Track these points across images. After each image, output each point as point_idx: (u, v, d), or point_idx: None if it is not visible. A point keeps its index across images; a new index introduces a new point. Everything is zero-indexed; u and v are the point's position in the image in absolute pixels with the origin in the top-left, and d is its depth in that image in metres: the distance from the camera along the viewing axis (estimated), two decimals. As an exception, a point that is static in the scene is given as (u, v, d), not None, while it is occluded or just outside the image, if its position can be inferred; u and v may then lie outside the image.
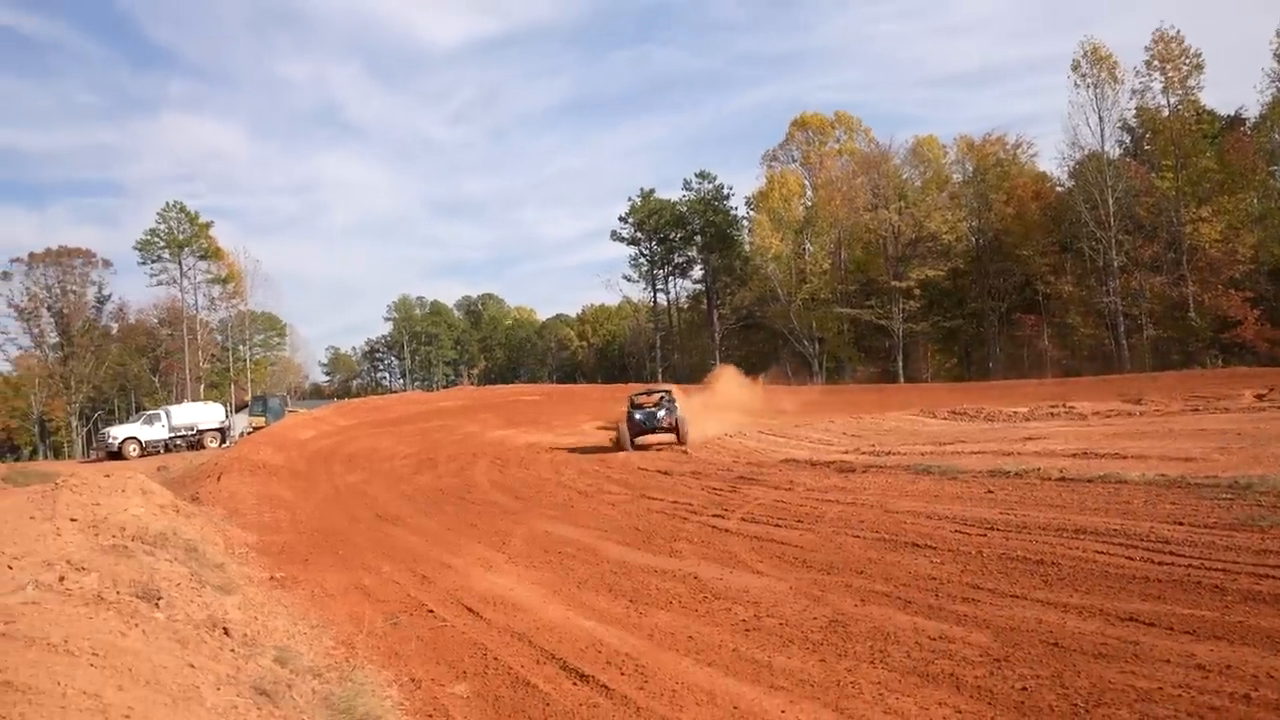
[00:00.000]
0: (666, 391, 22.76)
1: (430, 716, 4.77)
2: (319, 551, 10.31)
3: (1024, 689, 4.40)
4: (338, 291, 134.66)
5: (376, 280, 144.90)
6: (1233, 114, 46.55)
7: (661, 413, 20.91)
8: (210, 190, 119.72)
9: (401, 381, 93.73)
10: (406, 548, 10.28)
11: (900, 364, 52.43)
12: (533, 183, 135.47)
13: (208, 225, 64.41)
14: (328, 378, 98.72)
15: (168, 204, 63.95)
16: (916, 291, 51.65)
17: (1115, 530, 7.50)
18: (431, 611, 7.09)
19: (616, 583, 7.60)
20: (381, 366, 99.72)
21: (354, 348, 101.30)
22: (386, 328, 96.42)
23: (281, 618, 6.57)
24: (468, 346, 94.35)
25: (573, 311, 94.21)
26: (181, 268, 63.47)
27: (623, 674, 5.22)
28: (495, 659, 5.72)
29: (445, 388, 77.49)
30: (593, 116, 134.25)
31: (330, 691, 4.65)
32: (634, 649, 5.66)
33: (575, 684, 5.15)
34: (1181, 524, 7.48)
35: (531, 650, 5.84)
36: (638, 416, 20.91)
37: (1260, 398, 22.29)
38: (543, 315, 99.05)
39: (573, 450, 21.63)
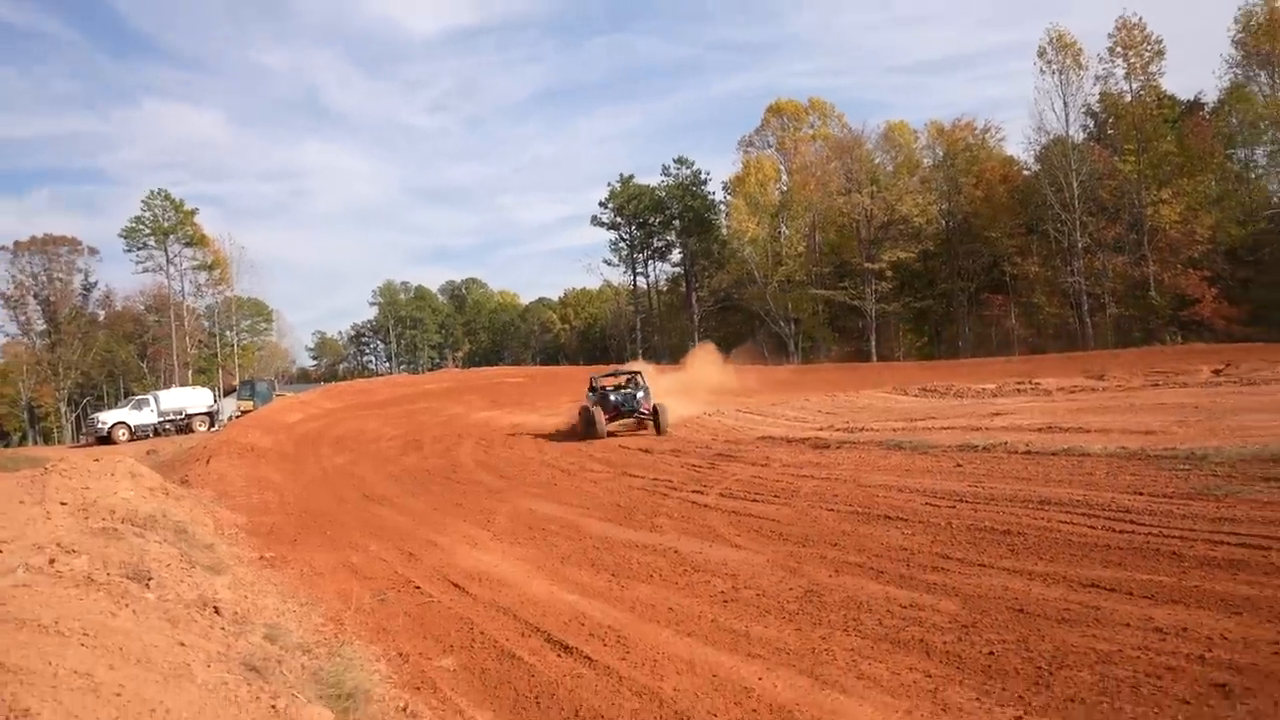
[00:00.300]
0: (636, 373, 20.84)
1: (418, 689, 4.77)
2: (307, 531, 10.26)
3: (991, 653, 4.47)
4: (323, 277, 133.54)
5: (362, 266, 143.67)
6: (1192, 99, 46.88)
7: (640, 394, 19.15)
8: (193, 177, 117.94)
9: (387, 365, 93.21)
10: (393, 527, 10.25)
11: (873, 343, 52.71)
12: (513, 169, 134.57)
13: (193, 212, 63.55)
14: (314, 362, 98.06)
15: (152, 191, 62.99)
16: (888, 273, 51.86)
17: (1078, 501, 7.60)
18: (418, 588, 7.08)
19: (599, 557, 7.62)
20: (367, 350, 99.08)
21: (340, 332, 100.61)
22: (372, 312, 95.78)
23: (271, 596, 6.54)
24: (452, 330, 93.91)
25: (555, 295, 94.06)
26: (168, 254, 62.58)
27: (605, 645, 5.25)
28: (481, 633, 5.73)
29: (430, 371, 77.12)
30: (571, 104, 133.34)
31: (319, 667, 4.63)
32: (616, 621, 5.68)
33: (559, 656, 5.17)
34: (1141, 494, 7.60)
35: (517, 624, 5.85)
36: (614, 399, 18.95)
37: (1217, 373, 22.65)
38: (525, 299, 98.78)
39: (556, 430, 21.63)
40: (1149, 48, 44.87)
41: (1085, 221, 44.51)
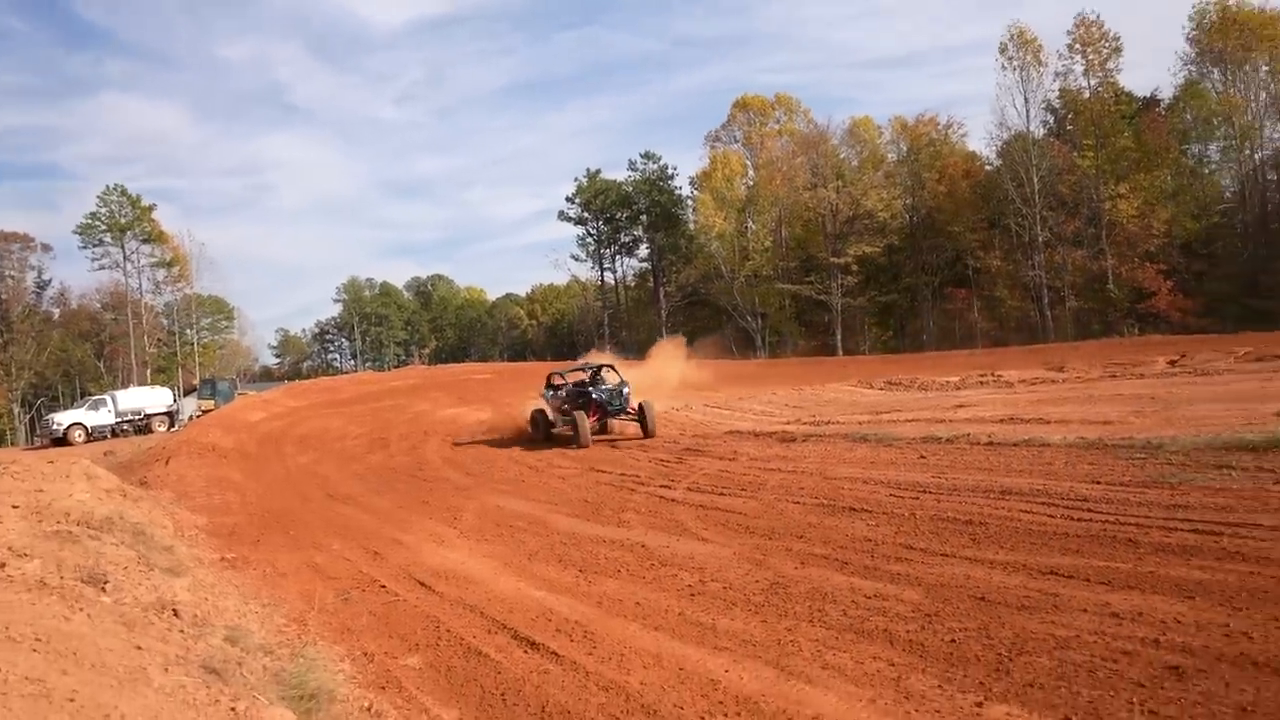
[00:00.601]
0: (606, 366, 18.23)
1: (383, 688, 4.73)
2: (270, 532, 10.13)
3: (953, 641, 4.53)
4: (286, 274, 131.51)
5: (325, 262, 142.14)
6: (1148, 95, 47.90)
7: (627, 389, 16.70)
8: (150, 173, 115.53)
9: (352, 363, 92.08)
10: (358, 526, 10.15)
11: (839, 337, 53.20)
12: (482, 163, 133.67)
13: (150, 208, 62.31)
14: (278, 360, 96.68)
15: (108, 187, 61.64)
16: (854, 267, 52.35)
17: (1038, 490, 7.73)
18: (384, 587, 7.02)
19: (566, 553, 7.61)
20: (332, 348, 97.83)
21: (304, 330, 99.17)
22: (336, 309, 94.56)
23: (232, 598, 6.45)
24: (418, 327, 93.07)
25: (522, 291, 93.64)
26: (125, 251, 61.36)
27: (572, 641, 5.24)
28: (447, 631, 5.69)
29: (396, 368, 76.39)
30: (540, 97, 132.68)
31: (282, 668, 4.58)
32: (583, 616, 5.68)
33: (526, 652, 5.15)
34: (1099, 483, 7.74)
35: (483, 621, 5.82)
36: (597, 396, 16.27)
37: (1173, 364, 23.16)
38: (493, 295, 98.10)
39: (523, 426, 21.48)
40: (1107, 45, 45.78)
41: (1045, 216, 45.32)
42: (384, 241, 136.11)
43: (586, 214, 68.56)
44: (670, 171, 66.85)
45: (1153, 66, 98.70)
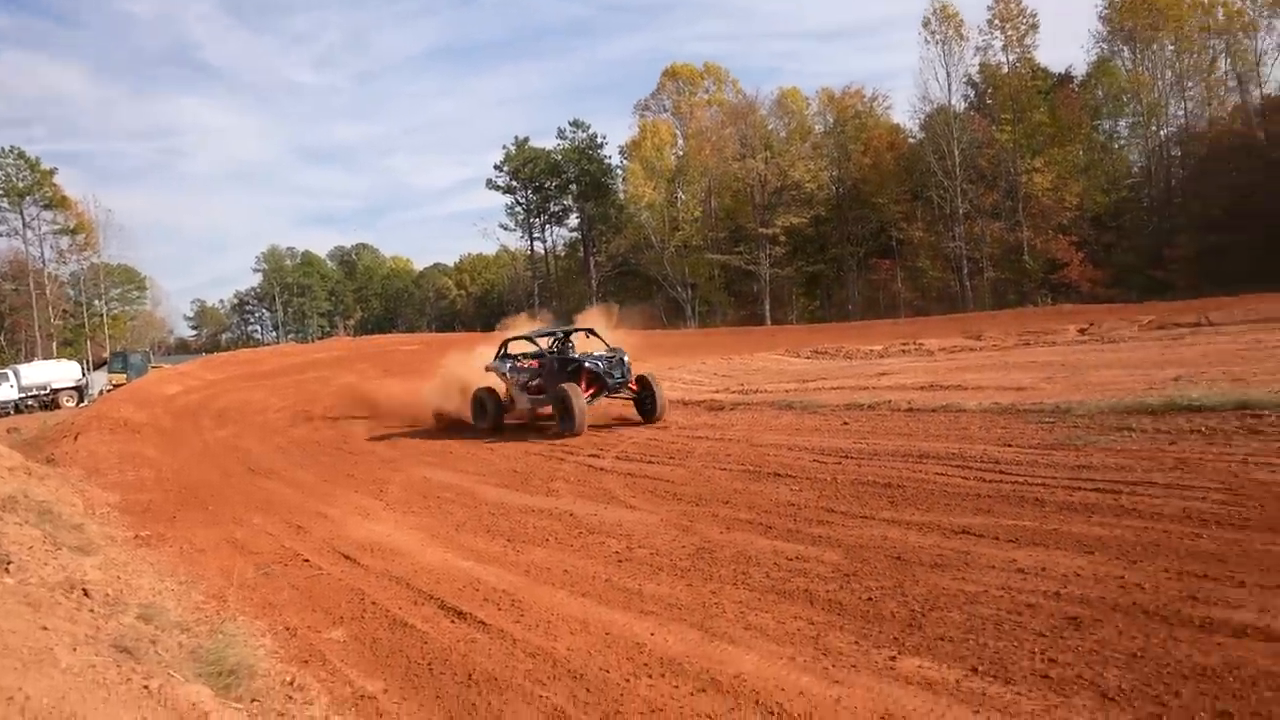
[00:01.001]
0: (586, 331, 14.49)
1: (306, 662, 4.67)
2: (187, 508, 9.82)
3: (869, 599, 4.70)
4: (202, 242, 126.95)
5: (244, 230, 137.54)
6: (1063, 72, 49.37)
7: (628, 357, 13.26)
8: (52, 136, 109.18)
9: (274, 334, 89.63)
10: (281, 500, 9.92)
11: (767, 307, 53.90)
12: (405, 130, 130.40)
13: (51, 172, 59.09)
14: (194, 332, 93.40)
15: (4, 149, 58.08)
16: (782, 238, 52.98)
17: (954, 454, 8.02)
18: (307, 561, 6.89)
19: (494, 523, 7.59)
20: (252, 319, 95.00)
21: (222, 301, 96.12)
22: (256, 279, 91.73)
23: (147, 576, 6.25)
24: (342, 297, 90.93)
25: (450, 260, 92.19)
26: (24, 218, 58.17)
27: (499, 609, 5.25)
28: (373, 603, 5.64)
29: (320, 339, 74.51)
30: (465, 62, 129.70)
31: (199, 645, 4.47)
32: (511, 585, 5.69)
33: (453, 622, 5.14)
34: (1010, 446, 8.07)
35: (409, 593, 5.78)
36: (592, 366, 12.72)
37: (1082, 332, 24.20)
38: (420, 265, 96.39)
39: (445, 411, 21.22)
40: (1024, 21, 46.96)
41: (966, 189, 46.54)
42: (305, 210, 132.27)
43: (515, 183, 67.66)
44: (600, 140, 66.50)
45: (1068, 44, 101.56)
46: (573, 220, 68.67)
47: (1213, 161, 43.19)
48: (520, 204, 68.56)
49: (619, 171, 64.63)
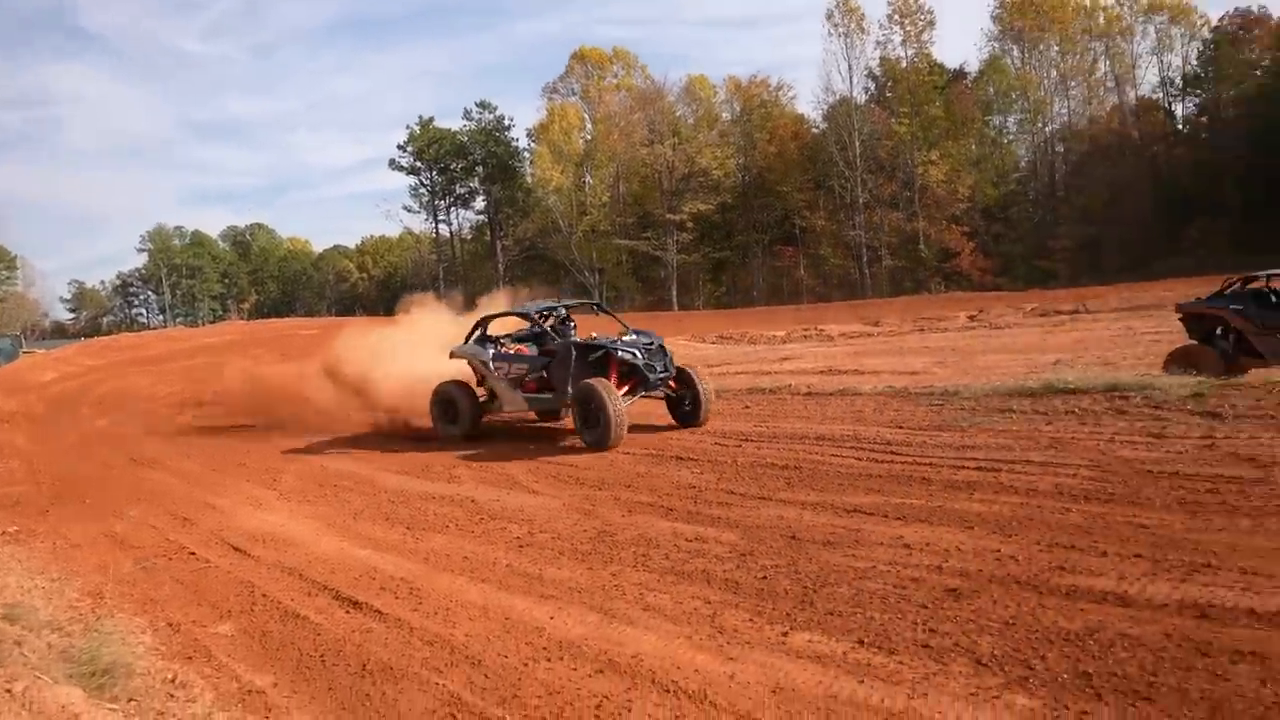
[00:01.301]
0: (594, 305, 12.20)
1: (190, 659, 4.49)
2: (61, 502, 9.26)
3: (764, 577, 4.82)
4: (81, 220, 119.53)
5: (127, 208, 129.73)
6: (957, 68, 51.37)
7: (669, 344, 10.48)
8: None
9: (161, 318, 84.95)
10: (166, 491, 9.45)
11: (674, 293, 54.36)
12: (305, 106, 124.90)
13: (-95, 141, 54.44)
14: (72, 315, 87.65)
15: None
16: (689, 224, 53.48)
17: (848, 436, 8.28)
18: (193, 554, 6.61)
19: (394, 511, 7.44)
20: (137, 302, 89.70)
21: (103, 282, 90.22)
22: (141, 260, 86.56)
23: (14, 574, 5.88)
24: (236, 279, 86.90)
25: (351, 242, 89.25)
26: (-126, 190, 53.48)
27: (397, 598, 5.17)
28: (263, 596, 5.46)
29: (212, 323, 71.24)
30: (369, 37, 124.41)
31: (71, 644, 4.24)
32: (409, 573, 5.60)
33: (348, 612, 5.03)
34: (901, 428, 8.39)
35: (302, 584, 5.62)
36: (629, 355, 9.61)
37: (972, 319, 25.32)
38: (319, 246, 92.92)
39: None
40: (922, 17, 48.67)
41: (866, 179, 47.97)
42: (195, 187, 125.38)
43: (419, 164, 66.04)
44: (507, 122, 65.51)
45: (963, 41, 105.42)
46: (479, 203, 67.57)
47: (1092, 158, 45.91)
48: (425, 186, 67.04)
49: (527, 155, 63.96)
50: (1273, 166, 38.32)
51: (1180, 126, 48.47)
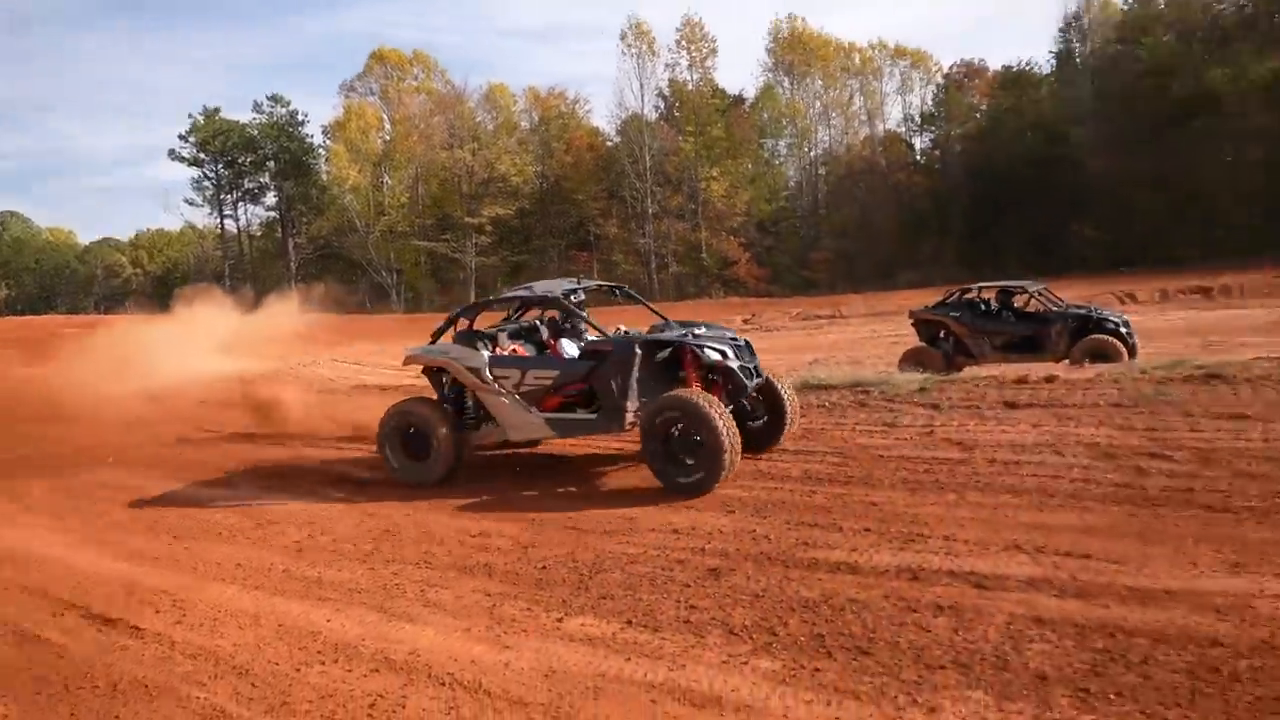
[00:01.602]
0: (615, 288, 9.14)
1: (-101, 696, 3.86)
2: None
3: (543, 567, 4.86)
4: None
5: None
6: (737, 94, 54.26)
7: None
8: None
9: (-119, 314, 72.13)
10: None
11: (473, 295, 53.29)
12: (71, 85, 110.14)
13: None
14: None
15: None
16: (488, 228, 52.68)
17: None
18: (-90, 579, 5.68)
19: (160, 519, 6.76)
20: None
21: None
22: None
23: None
24: (-19, 272, 75.47)
25: (125, 236, 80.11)
26: None
27: (158, 612, 4.71)
28: (-2, 620, 4.80)
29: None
30: (147, 18, 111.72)
31: None
32: (174, 585, 5.12)
33: (100, 630, 4.53)
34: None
35: (46, 603, 4.98)
36: (717, 355, 6.55)
37: (746, 322, 26.89)
38: (86, 238, 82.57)
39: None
40: (706, 45, 50.89)
41: (655, 191, 49.50)
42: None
43: (203, 155, 60.37)
44: (301, 118, 61.29)
45: (742, 69, 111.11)
46: (270, 199, 62.77)
47: (847, 181, 50.28)
48: (209, 178, 61.44)
49: (322, 151, 60.19)
50: (990, 195, 43.76)
51: (919, 158, 54.06)
